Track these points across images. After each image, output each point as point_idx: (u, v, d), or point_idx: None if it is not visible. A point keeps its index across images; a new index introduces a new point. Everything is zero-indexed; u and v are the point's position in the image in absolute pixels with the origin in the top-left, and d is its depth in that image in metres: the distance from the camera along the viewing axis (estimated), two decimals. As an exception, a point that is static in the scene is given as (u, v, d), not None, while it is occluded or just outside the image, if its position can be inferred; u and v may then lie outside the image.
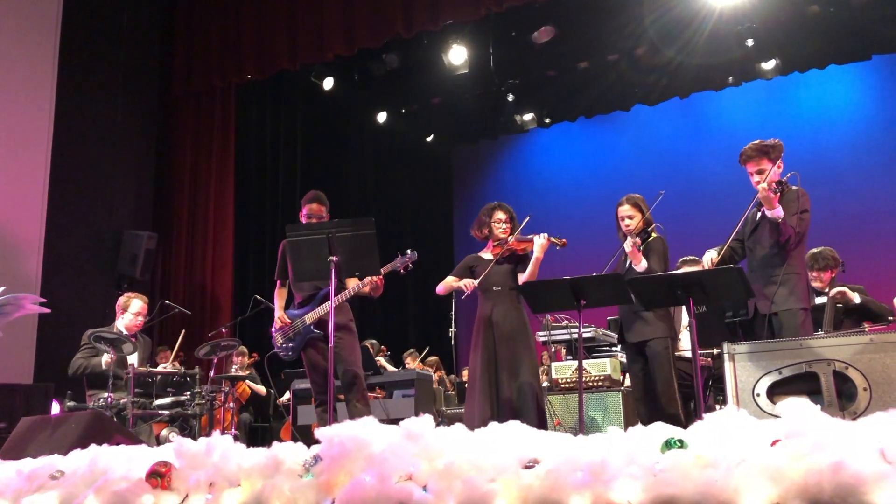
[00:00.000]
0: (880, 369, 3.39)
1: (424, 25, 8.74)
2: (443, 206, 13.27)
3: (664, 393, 4.67)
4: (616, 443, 2.30)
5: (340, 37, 8.95)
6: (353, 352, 5.03)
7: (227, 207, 9.50)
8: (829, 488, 1.92)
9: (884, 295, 5.58)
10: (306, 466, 2.51)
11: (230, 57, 9.43)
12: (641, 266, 4.77)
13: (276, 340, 5.16)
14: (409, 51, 9.89)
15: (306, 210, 5.19)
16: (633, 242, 4.76)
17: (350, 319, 5.09)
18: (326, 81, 10.41)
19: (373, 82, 10.61)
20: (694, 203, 10.38)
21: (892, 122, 10.23)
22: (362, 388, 5.02)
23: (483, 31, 9.58)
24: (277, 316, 5.14)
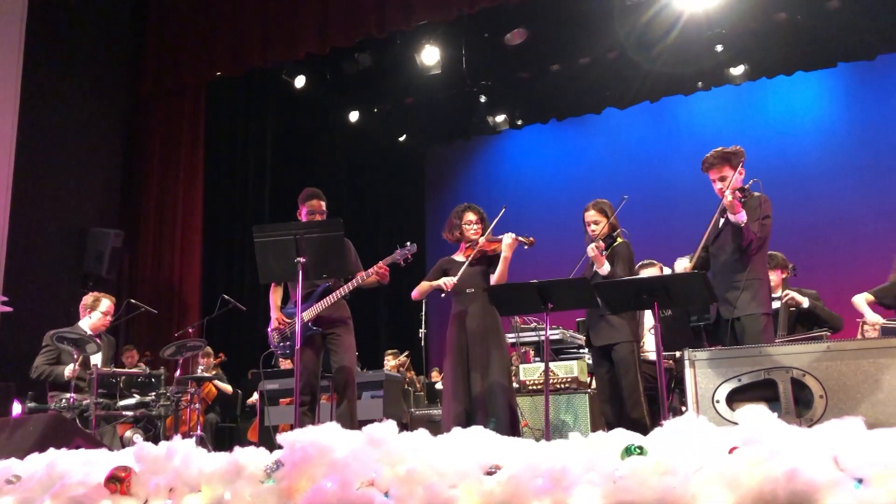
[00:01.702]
0: (836, 377, 3.45)
1: (397, 25, 8.73)
2: (415, 206, 13.25)
3: (629, 397, 4.72)
4: (576, 449, 2.31)
5: (313, 35, 8.91)
6: (349, 349, 5.01)
7: (196, 206, 9.41)
8: (783, 495, 1.95)
9: (845, 300, 5.68)
10: (268, 472, 2.49)
11: (201, 54, 9.35)
12: (604, 270, 4.82)
13: (272, 339, 5.09)
14: (382, 50, 9.87)
15: (306, 208, 5.12)
16: (595, 247, 4.80)
17: (347, 316, 5.07)
18: (298, 80, 10.35)
19: (345, 81, 10.56)
20: (663, 207, 10.49)
21: (855, 129, 10.40)
22: (354, 389, 5.01)
23: (456, 32, 9.59)
24: (274, 316, 5.07)
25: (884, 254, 5.93)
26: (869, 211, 9.88)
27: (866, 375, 3.41)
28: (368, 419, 2.88)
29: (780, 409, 3.40)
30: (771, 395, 3.51)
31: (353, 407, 4.90)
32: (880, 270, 5.79)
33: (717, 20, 9.07)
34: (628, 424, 4.29)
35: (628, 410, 4.69)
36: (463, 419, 4.63)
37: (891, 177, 9.94)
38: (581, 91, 10.76)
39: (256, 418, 7.44)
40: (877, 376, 3.39)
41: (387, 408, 6.45)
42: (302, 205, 5.12)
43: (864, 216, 9.87)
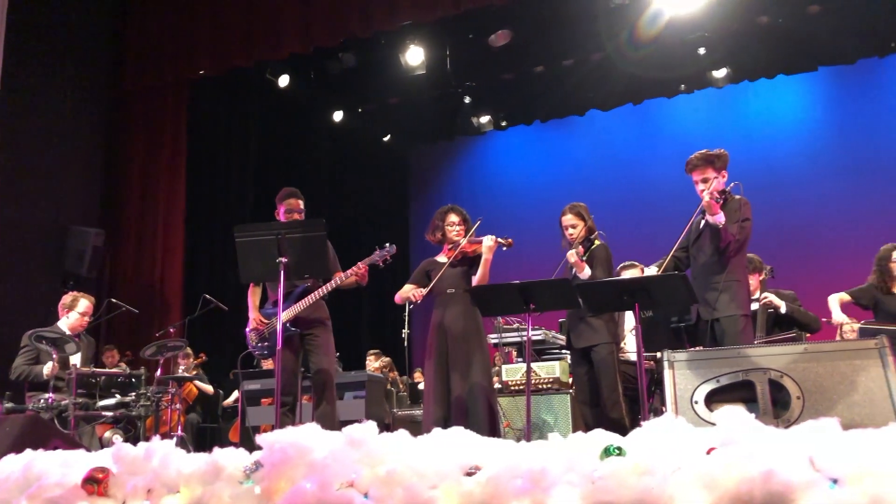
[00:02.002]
0: (813, 378, 3.49)
1: (381, 25, 8.73)
2: (399, 206, 13.24)
3: (608, 398, 4.75)
4: (556, 450, 2.32)
5: (297, 35, 8.89)
6: (328, 350, 4.99)
7: (178, 205, 9.35)
8: (759, 496, 1.96)
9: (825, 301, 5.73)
10: (247, 473, 2.49)
11: (184, 52, 9.29)
12: (585, 275, 4.84)
13: (250, 340, 5.06)
14: (367, 50, 9.85)
15: (284, 207, 5.09)
16: (574, 253, 4.82)
17: (326, 317, 5.05)
18: (282, 79, 10.31)
19: (329, 81, 10.54)
20: (646, 208, 10.54)
21: (835, 133, 10.50)
22: (333, 390, 4.98)
23: (440, 32, 9.59)
24: (252, 316, 5.03)
25: (862, 255, 5.99)
26: (848, 213, 9.98)
27: (842, 377, 3.45)
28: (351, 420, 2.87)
29: (757, 409, 3.43)
30: (749, 396, 3.54)
31: (333, 408, 4.88)
32: (859, 272, 5.85)
33: (699, 23, 9.14)
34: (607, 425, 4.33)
35: (607, 411, 4.72)
36: (442, 423, 4.63)
37: (870, 180, 10.05)
38: (565, 93, 10.80)
39: (237, 419, 7.40)
40: (852, 378, 3.43)
41: (369, 408, 6.44)
42: (280, 204, 5.09)
43: (844, 218, 9.97)
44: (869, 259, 5.65)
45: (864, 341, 3.64)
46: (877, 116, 10.28)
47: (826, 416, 2.25)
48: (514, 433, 5.65)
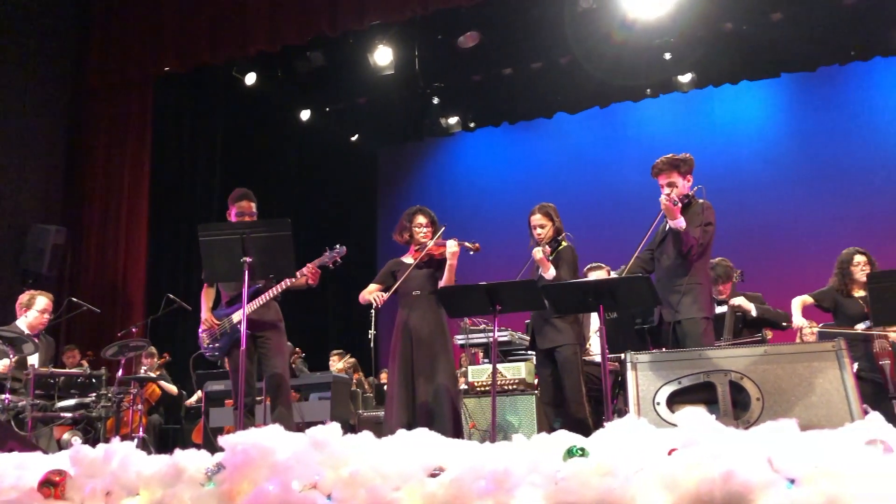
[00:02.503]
0: (773, 380, 3.55)
1: (350, 25, 8.69)
2: (367, 206, 13.19)
3: (572, 398, 4.78)
4: (519, 451, 2.33)
5: (264, 32, 8.82)
6: (280, 352, 4.92)
7: (142, 203, 9.23)
8: (719, 496, 1.99)
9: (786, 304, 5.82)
10: (208, 474, 2.46)
11: (148, 49, 9.17)
12: (550, 274, 4.87)
13: (202, 341, 4.99)
14: (335, 49, 9.81)
15: (235, 208, 5.03)
16: (541, 251, 4.85)
17: (279, 319, 4.97)
18: (249, 77, 10.22)
19: (297, 79, 10.46)
20: (612, 210, 10.62)
21: (798, 138, 10.69)
22: (288, 392, 4.92)
23: (409, 33, 9.58)
24: (204, 317, 4.97)
25: (824, 259, 6.10)
26: (810, 217, 10.16)
27: (801, 379, 3.51)
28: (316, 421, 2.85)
29: (718, 411, 3.48)
30: (710, 397, 3.59)
31: (289, 410, 4.82)
32: (821, 274, 5.95)
33: (665, 29, 9.23)
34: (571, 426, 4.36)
35: (571, 412, 4.75)
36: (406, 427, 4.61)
37: (830, 184, 10.25)
38: (533, 95, 10.86)
39: (201, 420, 7.32)
40: (810, 379, 3.50)
41: (334, 409, 6.41)
42: (231, 205, 5.03)
43: (806, 222, 10.15)
44: (830, 262, 5.74)
45: (821, 344, 3.70)
46: (837, 123, 10.48)
47: (785, 418, 2.29)
48: (479, 434, 5.66)
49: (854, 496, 1.91)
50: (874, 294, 4.28)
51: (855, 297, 5.42)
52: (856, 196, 10.06)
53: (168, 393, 8.35)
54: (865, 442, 2.14)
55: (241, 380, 4.32)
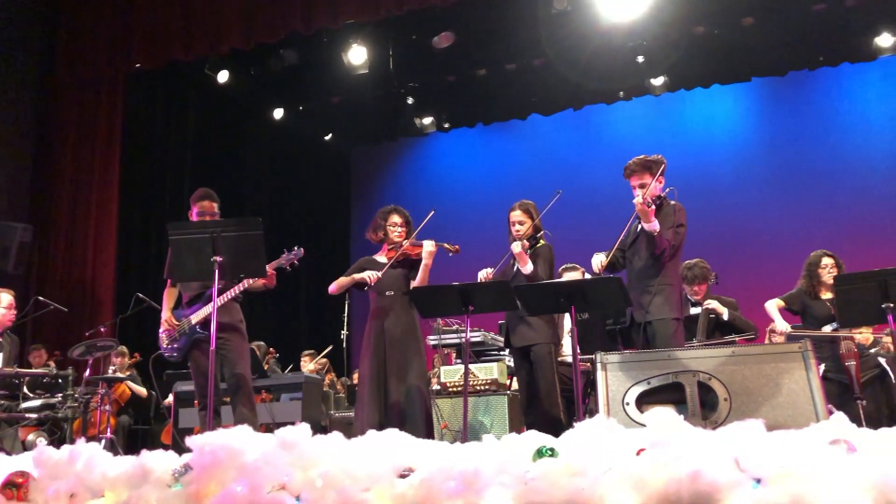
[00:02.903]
0: (740, 380, 3.59)
1: (324, 23, 8.65)
2: (340, 206, 13.14)
3: (547, 397, 4.79)
4: (489, 451, 2.33)
5: (237, 30, 8.75)
6: (241, 354, 4.86)
7: (112, 201, 9.10)
8: (686, 496, 2.01)
9: (756, 306, 5.89)
10: (175, 476, 2.44)
11: (119, 44, 9.06)
12: (527, 269, 4.87)
13: (161, 341, 4.94)
14: (309, 48, 9.76)
15: (197, 208, 4.97)
16: (519, 245, 4.85)
17: (239, 320, 4.91)
18: (221, 74, 10.12)
19: (270, 78, 10.39)
20: (585, 212, 10.66)
21: (768, 142, 10.83)
22: (249, 392, 4.86)
23: (383, 32, 9.56)
24: (164, 318, 4.91)
25: (793, 261, 6.16)
26: (779, 219, 10.29)
27: (767, 379, 3.56)
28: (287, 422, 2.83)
29: (686, 411, 3.52)
30: (679, 397, 3.62)
31: (252, 411, 4.76)
32: (789, 276, 6.02)
33: (638, 32, 9.31)
34: (546, 424, 4.37)
35: (545, 410, 4.76)
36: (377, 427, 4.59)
37: (799, 188, 10.39)
38: (507, 96, 10.88)
39: (170, 420, 7.24)
40: (777, 380, 3.54)
41: (305, 410, 6.37)
42: (193, 205, 4.97)
43: (775, 224, 10.28)
44: (799, 264, 5.81)
45: (788, 345, 3.75)
46: (806, 127, 10.63)
47: (752, 418, 2.32)
48: (451, 435, 5.66)
49: (818, 495, 1.94)
50: (840, 296, 4.35)
51: (822, 299, 5.49)
52: (824, 199, 10.21)
53: (137, 394, 8.25)
54: (829, 442, 2.18)
55: (210, 380, 4.28)
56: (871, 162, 10.11)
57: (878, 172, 10.03)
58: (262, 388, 6.66)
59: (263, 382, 6.75)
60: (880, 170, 10.04)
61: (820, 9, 9.10)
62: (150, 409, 8.56)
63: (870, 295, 4.08)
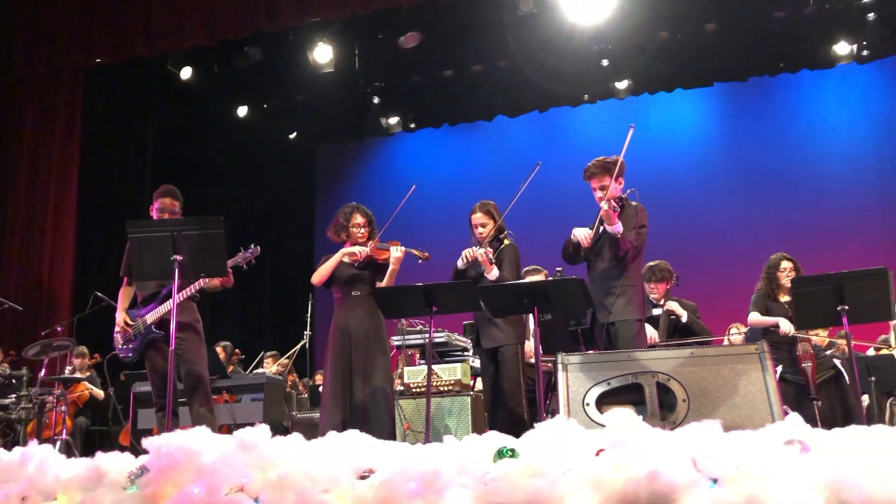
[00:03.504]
0: (698, 382, 3.64)
1: (289, 21, 8.59)
2: (305, 205, 13.03)
3: (512, 397, 4.80)
4: (450, 452, 2.33)
5: (200, 26, 8.64)
6: (198, 353, 4.80)
7: (70, 198, 8.94)
8: (644, 496, 2.03)
9: (716, 307, 5.97)
10: (131, 478, 2.40)
11: (79, 38, 8.89)
12: (493, 275, 4.86)
13: (116, 341, 4.87)
14: (274, 45, 9.67)
15: (158, 205, 4.90)
16: (483, 253, 4.84)
17: (196, 320, 4.85)
18: (184, 71, 10.00)
19: (234, 75, 10.27)
20: (550, 214, 10.70)
21: (729, 146, 10.99)
22: (206, 392, 4.80)
23: (349, 31, 9.52)
24: (119, 318, 4.83)
25: (752, 264, 6.26)
26: (740, 223, 10.46)
27: (725, 380, 3.61)
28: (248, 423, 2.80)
29: (645, 412, 3.55)
30: (638, 398, 3.66)
31: (210, 411, 4.71)
32: (749, 279, 6.10)
33: (603, 35, 9.39)
34: (510, 425, 4.38)
35: (510, 411, 4.77)
36: (340, 427, 4.57)
37: (759, 191, 10.57)
38: (473, 98, 10.90)
39: (129, 422, 7.12)
40: (734, 381, 3.60)
41: (267, 411, 6.30)
42: (154, 201, 4.91)
43: (736, 227, 10.44)
44: (758, 267, 5.89)
45: (745, 346, 3.80)
46: (766, 132, 10.81)
47: (709, 418, 2.35)
48: (414, 436, 5.64)
49: (773, 495, 1.97)
50: (798, 299, 4.43)
51: (781, 301, 5.57)
52: (784, 203, 10.40)
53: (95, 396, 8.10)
54: (784, 442, 2.21)
55: (169, 380, 4.21)
56: (829, 167, 10.32)
57: (836, 177, 10.25)
58: (223, 389, 6.58)
59: (224, 383, 6.67)
60: (838, 174, 10.25)
61: (780, 16, 9.27)
62: (108, 410, 8.41)
63: (826, 298, 4.16)
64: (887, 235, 9.09)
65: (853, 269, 4.32)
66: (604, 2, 8.71)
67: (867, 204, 10.00)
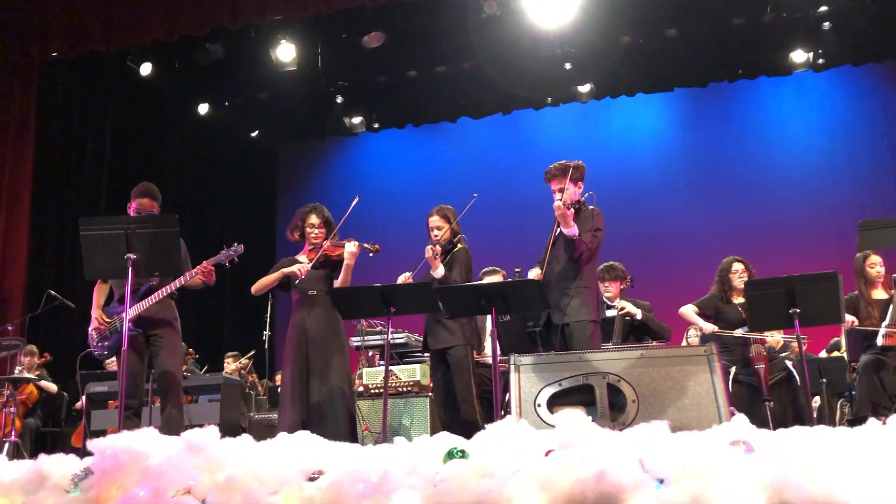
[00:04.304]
0: (648, 382, 3.69)
1: (251, 18, 8.50)
2: (266, 204, 12.91)
3: (463, 400, 4.83)
4: (400, 454, 2.32)
5: (161, 21, 8.51)
6: (174, 351, 4.74)
7: (24, 195, 8.72)
8: (591, 496, 2.04)
9: (672, 309, 6.04)
10: (75, 481, 2.35)
11: (34, 32, 8.69)
12: (438, 273, 4.91)
13: (91, 339, 4.78)
14: (236, 42, 9.56)
15: (136, 204, 4.82)
16: (430, 249, 4.89)
17: (174, 318, 4.80)
18: (144, 67, 9.83)
19: (195, 72, 10.14)
20: (512, 215, 10.79)
21: (688, 150, 11.14)
22: (179, 393, 4.74)
23: (313, 30, 9.46)
24: (95, 315, 4.76)
25: (708, 266, 6.34)
26: (697, 226, 10.60)
27: (674, 381, 3.66)
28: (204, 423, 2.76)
29: (596, 413, 3.58)
30: (589, 399, 3.69)
31: (180, 412, 4.67)
32: (705, 281, 6.19)
33: (567, 39, 9.44)
34: (461, 427, 4.39)
35: (461, 413, 4.79)
36: (299, 427, 4.54)
37: (716, 195, 10.73)
38: (437, 98, 10.89)
39: (82, 422, 6.99)
40: (683, 382, 3.65)
41: (224, 412, 6.25)
42: (133, 199, 4.84)
43: (693, 231, 10.58)
44: (714, 269, 5.98)
45: (694, 348, 3.86)
46: (724, 137, 10.98)
47: (658, 419, 2.37)
48: (372, 437, 5.63)
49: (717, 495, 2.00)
50: (750, 301, 4.52)
51: (734, 303, 5.67)
52: (740, 207, 10.57)
53: (48, 392, 7.94)
54: (730, 443, 2.25)
55: (121, 379, 4.15)
56: (785, 172, 10.52)
57: (791, 182, 10.44)
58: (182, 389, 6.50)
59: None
60: (793, 180, 10.45)
61: (739, 23, 9.42)
62: (62, 410, 8.26)
63: (778, 300, 4.26)
64: (840, 240, 9.26)
65: (805, 273, 4.42)
66: (567, 5, 8.76)
67: (821, 209, 10.21)
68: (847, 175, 10.33)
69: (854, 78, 10.40)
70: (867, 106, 10.48)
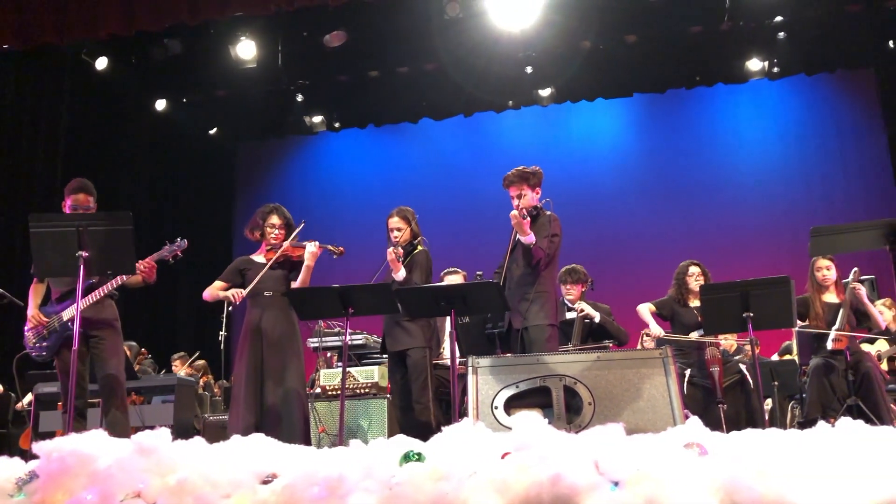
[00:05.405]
0: (604, 385, 3.72)
1: (211, 14, 8.37)
2: (223, 203, 12.74)
3: (418, 402, 4.83)
4: (355, 456, 2.30)
5: (117, 15, 8.32)
6: (115, 353, 4.63)
7: (-28, 190, 8.50)
8: (547, 499, 2.05)
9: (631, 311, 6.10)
10: (19, 484, 2.29)
11: (-16, 22, 8.46)
12: (399, 276, 4.92)
13: (28, 340, 4.64)
14: (194, 39, 9.43)
15: (70, 201, 4.70)
16: (392, 252, 4.89)
17: (115, 318, 4.69)
18: (100, 61, 9.64)
19: (153, 67, 9.97)
20: (472, 217, 10.81)
21: (646, 156, 11.28)
22: (122, 395, 4.63)
23: (273, 27, 9.38)
24: (31, 314, 4.63)
25: (666, 269, 6.42)
26: (654, 230, 10.73)
27: (630, 384, 3.70)
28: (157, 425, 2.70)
29: (552, 415, 3.60)
30: (546, 401, 3.71)
31: (124, 414, 4.56)
32: (663, 284, 6.27)
33: (529, 42, 9.50)
34: (417, 429, 4.38)
35: (417, 415, 4.78)
36: (252, 430, 4.48)
37: (674, 200, 10.88)
38: (399, 99, 10.88)
39: (30, 424, 6.82)
40: (638, 385, 3.69)
41: (177, 413, 6.13)
42: (67, 196, 4.70)
43: (651, 235, 10.71)
44: (671, 272, 6.06)
45: (650, 351, 3.90)
46: (682, 142, 11.15)
47: (614, 422, 2.39)
48: (329, 438, 5.58)
49: (671, 497, 2.02)
50: (706, 304, 4.58)
51: (690, 306, 5.75)
52: (697, 211, 10.75)
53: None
54: (684, 445, 2.27)
55: (71, 381, 4.05)
56: (741, 178, 10.71)
57: (746, 188, 10.64)
58: (132, 391, 6.37)
59: (134, 384, 6.45)
60: (748, 185, 10.65)
61: (697, 31, 9.59)
62: (8, 411, 8.05)
63: (733, 304, 4.32)
64: (793, 245, 9.44)
65: (758, 278, 4.50)
66: (529, 9, 8.80)
67: (775, 214, 10.42)
68: (800, 181, 10.55)
69: (807, 87, 10.64)
70: (819, 114, 10.73)
